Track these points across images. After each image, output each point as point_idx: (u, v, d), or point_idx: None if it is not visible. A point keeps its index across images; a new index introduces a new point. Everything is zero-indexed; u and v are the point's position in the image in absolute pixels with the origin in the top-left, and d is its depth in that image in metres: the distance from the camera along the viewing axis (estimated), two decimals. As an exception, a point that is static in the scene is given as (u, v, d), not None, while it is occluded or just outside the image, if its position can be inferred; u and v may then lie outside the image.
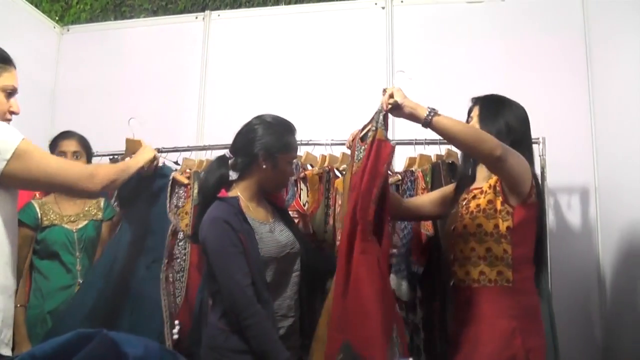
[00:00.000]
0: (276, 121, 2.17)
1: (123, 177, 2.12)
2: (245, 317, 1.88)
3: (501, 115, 2.00)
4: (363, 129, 2.04)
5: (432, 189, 2.45)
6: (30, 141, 1.77)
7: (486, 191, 1.94)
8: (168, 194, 2.62)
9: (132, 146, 2.54)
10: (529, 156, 1.99)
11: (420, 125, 1.83)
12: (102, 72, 3.82)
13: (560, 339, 2.51)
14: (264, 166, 2.07)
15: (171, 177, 2.66)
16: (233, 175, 2.12)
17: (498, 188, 1.90)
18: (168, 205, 2.62)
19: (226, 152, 2.17)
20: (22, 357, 0.81)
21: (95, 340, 0.80)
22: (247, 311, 1.88)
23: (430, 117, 1.77)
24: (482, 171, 2.05)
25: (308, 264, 2.19)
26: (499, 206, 1.89)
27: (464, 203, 2.02)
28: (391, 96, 1.84)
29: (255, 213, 2.09)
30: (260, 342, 1.88)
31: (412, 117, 1.81)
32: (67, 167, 1.89)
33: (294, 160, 2.20)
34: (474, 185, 2.05)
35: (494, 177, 1.93)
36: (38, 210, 2.57)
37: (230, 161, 2.13)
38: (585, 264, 3.05)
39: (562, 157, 2.91)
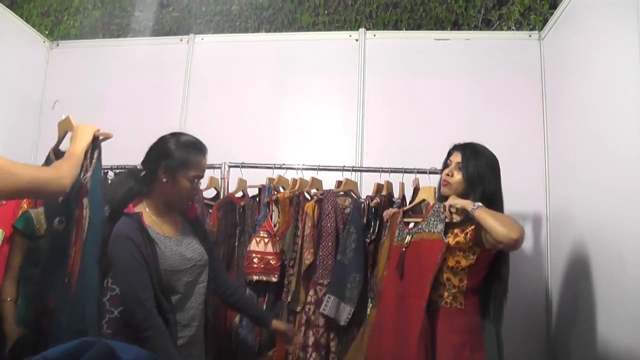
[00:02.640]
0: (186, 139, 2.19)
1: (78, 169, 2.07)
2: (143, 328, 1.92)
3: (480, 167, 2.26)
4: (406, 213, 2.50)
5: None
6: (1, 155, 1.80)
7: (457, 233, 2.18)
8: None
9: (63, 127, 2.35)
10: (501, 200, 2.32)
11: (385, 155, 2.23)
12: (89, 88, 3.91)
13: (507, 358, 2.72)
14: (164, 180, 2.11)
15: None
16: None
17: (471, 236, 2.14)
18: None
19: (138, 164, 2.21)
20: (37, 359, 0.96)
21: (95, 346, 0.96)
22: (145, 323, 1.93)
23: (474, 210, 2.08)
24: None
25: (215, 275, 2.29)
26: (465, 248, 2.15)
27: None
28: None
29: (160, 228, 2.13)
30: (157, 353, 1.88)
31: (462, 210, 2.14)
32: (38, 175, 1.85)
33: (196, 179, 2.18)
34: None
35: (467, 228, 2.17)
36: (35, 219, 2.70)
37: (142, 174, 2.17)
38: (535, 287, 3.26)
39: (517, 187, 3.11)
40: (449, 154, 2.36)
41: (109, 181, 3.13)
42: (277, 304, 2.74)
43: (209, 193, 3.12)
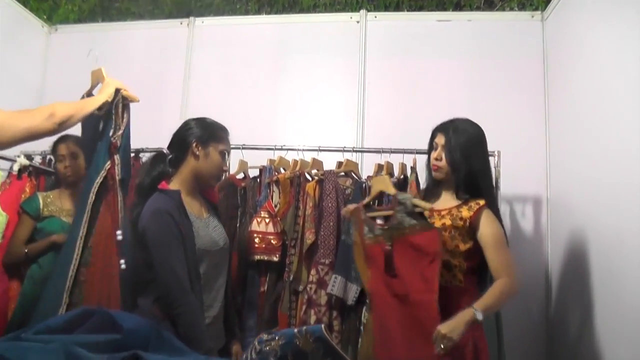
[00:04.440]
0: (210, 120, 2.29)
1: (82, 114, 2.09)
2: (178, 305, 1.95)
3: (464, 147, 2.22)
4: (367, 206, 2.41)
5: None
6: None
7: (454, 215, 2.20)
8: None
9: (96, 77, 2.41)
10: (489, 174, 2.32)
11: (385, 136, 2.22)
12: (89, 72, 3.91)
13: (507, 338, 2.73)
14: (197, 153, 2.17)
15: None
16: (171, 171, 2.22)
17: (469, 226, 2.18)
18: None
19: (164, 149, 2.27)
20: (39, 328, 0.96)
21: (96, 314, 0.97)
22: (181, 300, 1.95)
23: (479, 316, 2.01)
24: (446, 194, 2.32)
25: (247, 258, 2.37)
26: (464, 232, 2.18)
27: (427, 215, 2.25)
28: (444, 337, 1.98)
29: (191, 207, 2.16)
30: (188, 330, 1.96)
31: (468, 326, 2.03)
32: (26, 115, 1.88)
33: (225, 154, 2.26)
34: (439, 206, 2.30)
35: (463, 213, 2.19)
36: (41, 201, 2.78)
37: (168, 158, 2.22)
38: (535, 268, 3.27)
39: (518, 169, 3.14)
40: (433, 135, 2.33)
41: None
42: (279, 283, 2.75)
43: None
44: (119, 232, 2.17)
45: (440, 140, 2.27)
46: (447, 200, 2.29)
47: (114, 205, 2.19)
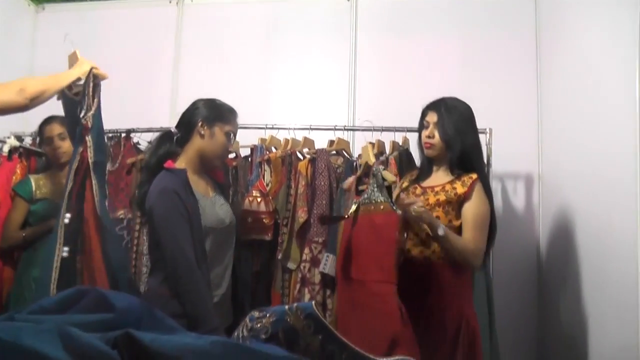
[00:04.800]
0: (219, 102, 2.32)
1: (54, 89, 2.05)
2: (185, 282, 1.98)
3: (457, 124, 2.24)
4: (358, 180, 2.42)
5: (401, 175, 2.64)
6: None
7: (448, 191, 2.21)
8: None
9: (72, 61, 2.34)
10: (480, 149, 2.34)
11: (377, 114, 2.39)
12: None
13: (498, 314, 2.77)
14: (202, 133, 2.20)
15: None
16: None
17: (464, 201, 2.19)
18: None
19: (172, 129, 2.30)
20: (33, 308, 0.97)
21: (90, 294, 0.98)
22: (187, 277, 1.99)
23: (440, 231, 2.05)
24: (439, 170, 2.33)
25: (239, 237, 2.36)
26: (457, 208, 2.20)
27: (419, 193, 2.28)
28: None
29: (197, 186, 2.19)
30: (194, 307, 1.99)
31: (430, 226, 2.09)
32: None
33: (231, 135, 2.29)
34: (432, 182, 2.31)
35: (457, 188, 2.20)
36: (33, 184, 2.79)
37: (175, 137, 2.25)
38: (526, 245, 3.31)
39: (510, 147, 3.15)
40: (423, 114, 2.34)
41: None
42: (271, 262, 2.77)
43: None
44: (67, 215, 2.13)
45: (431, 118, 2.27)
46: (440, 177, 2.31)
47: (89, 189, 2.14)
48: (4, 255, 2.79)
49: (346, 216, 2.23)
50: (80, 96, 2.19)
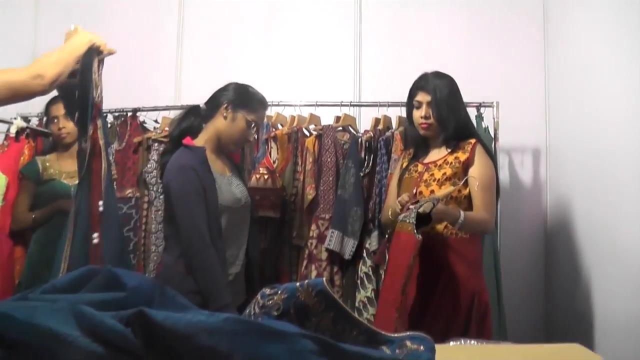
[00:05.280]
0: (252, 90, 2.30)
1: (69, 68, 1.90)
2: (198, 258, 2.03)
3: (449, 100, 2.22)
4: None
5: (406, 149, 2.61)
6: None
7: (452, 163, 2.21)
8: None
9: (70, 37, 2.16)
10: (468, 118, 2.36)
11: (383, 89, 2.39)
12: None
13: (505, 288, 2.78)
14: (225, 115, 2.21)
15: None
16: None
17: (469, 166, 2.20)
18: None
19: (201, 104, 2.33)
20: (45, 288, 0.97)
21: (101, 273, 0.98)
22: (201, 253, 2.03)
23: (460, 221, 2.05)
24: (435, 145, 2.32)
25: (253, 217, 2.38)
26: (462, 176, 2.18)
27: (422, 170, 2.27)
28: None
29: (215, 165, 2.21)
30: (207, 283, 2.03)
31: (449, 221, 2.12)
32: (13, 79, 1.73)
33: (253, 125, 2.28)
34: (433, 157, 2.30)
35: (459, 157, 2.21)
36: (40, 165, 2.79)
37: (203, 112, 2.29)
38: (534, 218, 3.32)
39: (517, 120, 3.14)
40: (413, 94, 2.31)
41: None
42: (279, 239, 2.78)
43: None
44: (100, 202, 2.02)
45: (423, 97, 2.25)
46: (438, 152, 2.30)
47: (98, 173, 2.04)
48: (14, 235, 2.81)
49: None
50: (79, 74, 1.99)
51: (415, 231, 1.95)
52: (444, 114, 2.21)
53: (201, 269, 2.03)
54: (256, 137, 2.95)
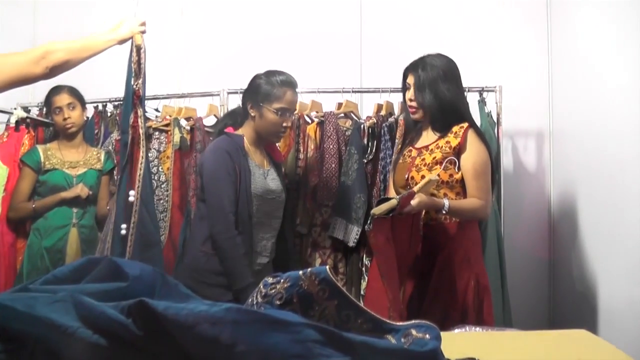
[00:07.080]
0: (269, 78, 2.28)
1: (80, 58, 1.81)
2: (221, 238, 2.11)
3: (434, 82, 2.17)
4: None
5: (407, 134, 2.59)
6: None
7: (442, 147, 2.17)
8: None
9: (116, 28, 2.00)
10: (464, 99, 2.30)
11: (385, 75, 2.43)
12: (81, 18, 3.79)
13: (509, 272, 2.78)
14: (252, 114, 2.28)
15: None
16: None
17: (460, 151, 2.16)
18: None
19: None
20: (47, 278, 0.97)
21: (102, 263, 0.98)
22: (224, 234, 2.11)
23: (446, 205, 2.04)
24: (427, 129, 2.29)
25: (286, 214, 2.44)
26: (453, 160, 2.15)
27: (415, 155, 2.24)
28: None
29: (253, 156, 2.29)
30: (229, 263, 2.11)
31: (434, 209, 2.12)
32: (20, 60, 1.69)
33: (282, 112, 2.25)
34: (425, 142, 2.27)
35: (450, 141, 2.16)
36: (41, 154, 2.77)
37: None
38: (537, 202, 3.30)
39: (520, 104, 3.13)
40: (405, 76, 2.29)
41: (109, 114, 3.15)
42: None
43: (209, 120, 3.07)
44: (131, 192, 2.04)
45: (411, 80, 2.24)
46: (430, 135, 2.27)
47: (136, 162, 2.07)
48: (16, 226, 2.80)
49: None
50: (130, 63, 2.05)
51: (368, 227, 1.93)
52: (426, 97, 2.17)
53: (223, 249, 2.11)
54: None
